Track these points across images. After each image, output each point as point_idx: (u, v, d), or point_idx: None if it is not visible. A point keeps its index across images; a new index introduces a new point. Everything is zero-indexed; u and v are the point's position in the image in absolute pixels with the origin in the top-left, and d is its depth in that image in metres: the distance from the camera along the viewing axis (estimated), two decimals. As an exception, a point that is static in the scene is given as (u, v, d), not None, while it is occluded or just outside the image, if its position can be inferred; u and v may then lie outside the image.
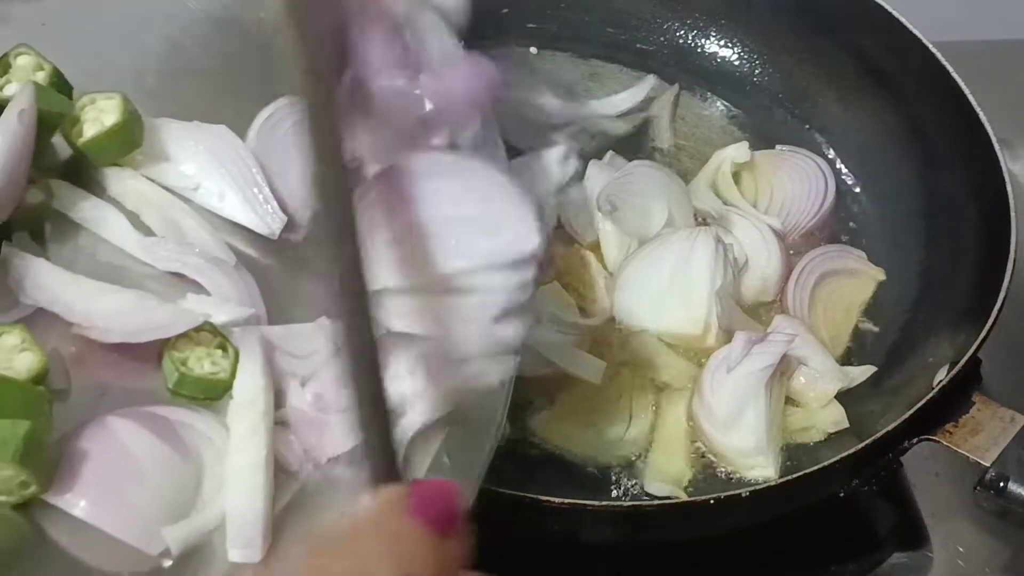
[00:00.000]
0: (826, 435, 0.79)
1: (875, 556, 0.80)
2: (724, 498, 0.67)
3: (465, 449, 0.54)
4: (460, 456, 0.53)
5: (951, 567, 0.79)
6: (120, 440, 0.50)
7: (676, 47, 1.04)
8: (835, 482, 0.72)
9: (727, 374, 0.77)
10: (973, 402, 0.72)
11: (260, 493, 0.50)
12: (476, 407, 0.55)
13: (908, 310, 0.86)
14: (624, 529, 0.71)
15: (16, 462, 0.46)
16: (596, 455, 0.77)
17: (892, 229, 0.92)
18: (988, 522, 0.79)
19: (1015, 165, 1.01)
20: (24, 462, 0.47)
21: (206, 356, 0.54)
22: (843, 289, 0.88)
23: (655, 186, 0.87)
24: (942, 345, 0.78)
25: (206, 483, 0.51)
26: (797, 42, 1.00)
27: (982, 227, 0.83)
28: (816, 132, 0.99)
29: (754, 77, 1.02)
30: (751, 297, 0.86)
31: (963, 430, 0.71)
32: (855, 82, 0.97)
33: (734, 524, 0.71)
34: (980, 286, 0.78)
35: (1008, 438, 0.70)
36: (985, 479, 0.69)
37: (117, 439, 0.50)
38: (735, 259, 0.84)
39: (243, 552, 0.49)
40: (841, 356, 0.84)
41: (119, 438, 0.50)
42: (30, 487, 0.48)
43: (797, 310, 0.85)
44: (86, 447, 0.50)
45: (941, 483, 0.83)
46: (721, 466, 0.77)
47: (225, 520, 0.50)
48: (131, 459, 0.50)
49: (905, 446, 0.71)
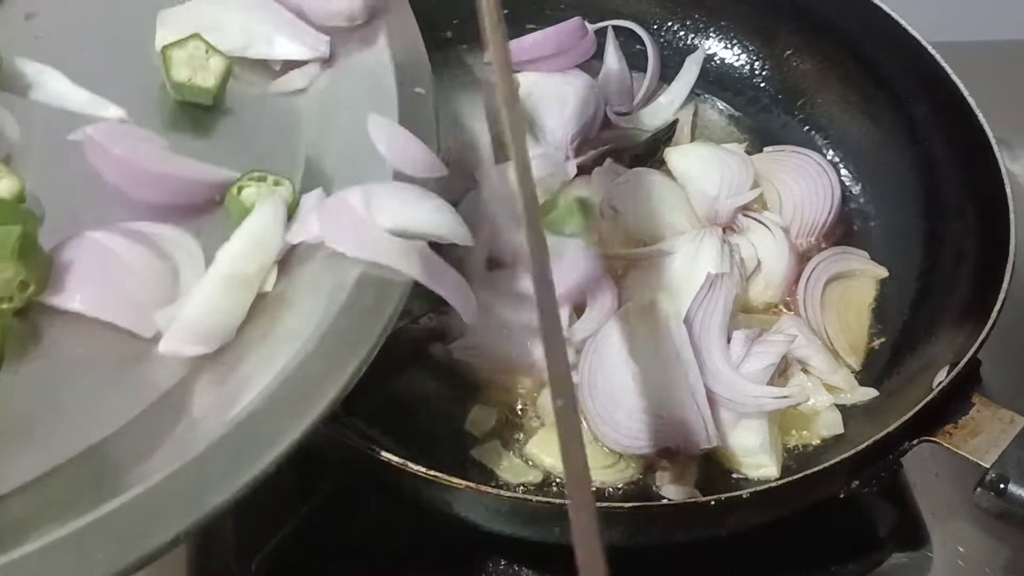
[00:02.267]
0: (824, 438, 0.79)
1: (875, 556, 0.80)
2: (725, 499, 0.67)
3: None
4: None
5: (951, 567, 0.79)
6: (102, 245, 0.55)
7: (676, 47, 1.04)
8: (836, 483, 0.72)
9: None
10: (973, 403, 0.72)
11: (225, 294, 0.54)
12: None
13: (908, 311, 0.86)
14: (624, 530, 0.71)
15: (15, 259, 0.51)
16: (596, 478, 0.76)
17: (891, 230, 0.92)
18: (988, 523, 0.79)
19: (1014, 165, 1.01)
20: (23, 258, 0.51)
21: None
22: (851, 291, 0.88)
23: (656, 191, 0.87)
24: (942, 346, 0.78)
25: (183, 278, 0.56)
26: (797, 42, 1.00)
27: (981, 228, 0.83)
28: (816, 132, 1.00)
29: (754, 77, 1.02)
30: (760, 299, 0.86)
31: (963, 431, 0.71)
32: (855, 83, 0.97)
33: (735, 525, 0.71)
34: (979, 287, 0.79)
35: (1008, 439, 0.69)
36: (985, 480, 0.69)
37: (99, 245, 0.55)
38: (742, 259, 0.85)
39: (196, 347, 0.53)
40: (863, 362, 0.84)
41: (100, 244, 0.55)
42: (29, 287, 0.52)
43: (809, 315, 0.85)
44: (70, 255, 0.55)
45: (941, 484, 0.83)
46: (724, 465, 0.77)
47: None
48: (114, 259, 0.55)
49: (905, 447, 0.71)
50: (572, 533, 0.40)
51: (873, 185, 0.95)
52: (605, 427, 0.75)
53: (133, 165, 0.59)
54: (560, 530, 0.70)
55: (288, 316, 0.55)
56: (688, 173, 0.91)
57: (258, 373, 0.51)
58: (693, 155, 0.93)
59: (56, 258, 0.54)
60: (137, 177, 0.59)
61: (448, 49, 1.01)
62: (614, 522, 0.69)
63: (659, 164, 0.93)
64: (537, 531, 0.71)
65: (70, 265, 0.54)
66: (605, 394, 0.75)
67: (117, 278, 0.54)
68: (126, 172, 0.59)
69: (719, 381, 0.75)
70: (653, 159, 0.93)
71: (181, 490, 0.46)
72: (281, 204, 0.58)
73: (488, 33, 0.49)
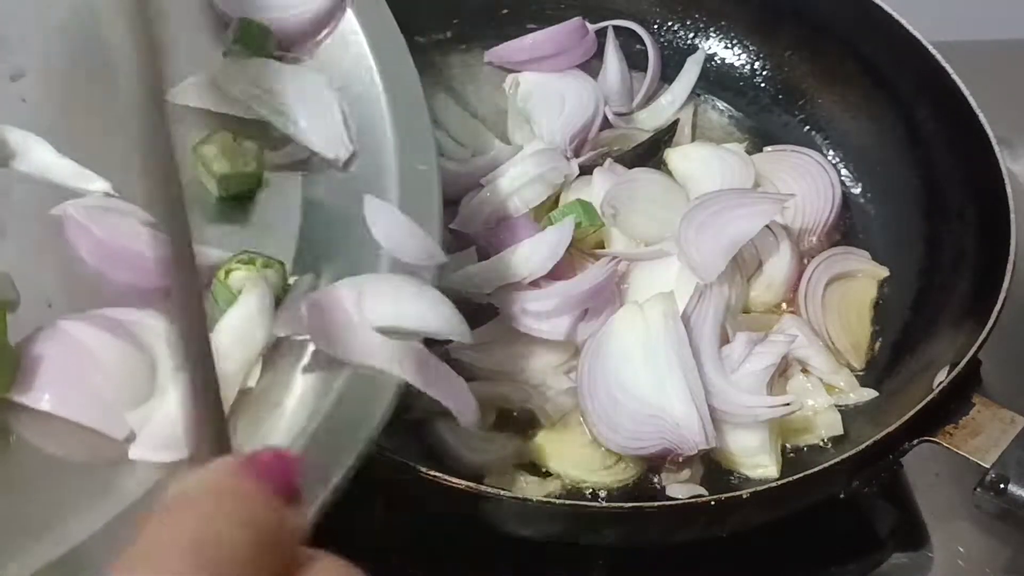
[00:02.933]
0: (824, 438, 0.79)
1: (875, 557, 0.80)
2: (725, 499, 0.67)
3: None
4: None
5: (951, 567, 0.79)
6: (74, 338, 0.52)
7: (676, 47, 1.04)
8: (835, 483, 0.72)
9: (730, 374, 0.77)
10: (973, 403, 0.72)
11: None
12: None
13: (908, 311, 0.86)
14: (624, 530, 0.71)
15: None
16: (597, 480, 0.76)
17: (891, 230, 0.92)
18: (988, 523, 0.79)
19: (1015, 165, 1.01)
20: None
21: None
22: (852, 292, 0.88)
23: (656, 191, 0.87)
24: (942, 346, 0.78)
25: (161, 373, 0.52)
26: (797, 42, 1.00)
27: (981, 228, 0.83)
28: (816, 132, 0.99)
29: (754, 77, 1.02)
30: (761, 300, 0.86)
31: (963, 431, 0.71)
32: (855, 82, 0.97)
33: (735, 525, 0.72)
34: (980, 287, 0.79)
35: (1008, 440, 0.69)
36: (985, 481, 0.69)
37: (71, 338, 0.52)
38: (743, 260, 0.85)
39: (170, 452, 0.50)
40: (864, 363, 0.84)
41: (73, 337, 0.52)
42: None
43: (810, 316, 0.85)
44: (42, 349, 0.51)
45: (941, 484, 0.83)
46: (724, 466, 0.77)
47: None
48: (87, 353, 0.52)
49: (905, 447, 0.71)
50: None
51: (873, 185, 0.95)
52: (605, 428, 0.75)
53: (114, 245, 0.56)
54: (564, 529, 0.70)
55: (271, 417, 0.52)
56: (688, 173, 0.91)
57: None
58: (693, 155, 0.93)
59: (26, 352, 0.51)
60: (118, 258, 0.56)
61: (449, 49, 1.01)
62: (614, 522, 0.69)
63: (659, 164, 0.93)
64: (538, 531, 0.71)
65: (39, 360, 0.51)
66: (605, 395, 0.75)
67: (89, 375, 0.51)
68: (106, 253, 0.56)
69: (711, 393, 0.75)
70: (653, 159, 0.93)
71: None
72: (268, 294, 0.55)
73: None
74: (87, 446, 0.50)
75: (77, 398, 0.51)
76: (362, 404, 0.52)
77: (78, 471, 0.50)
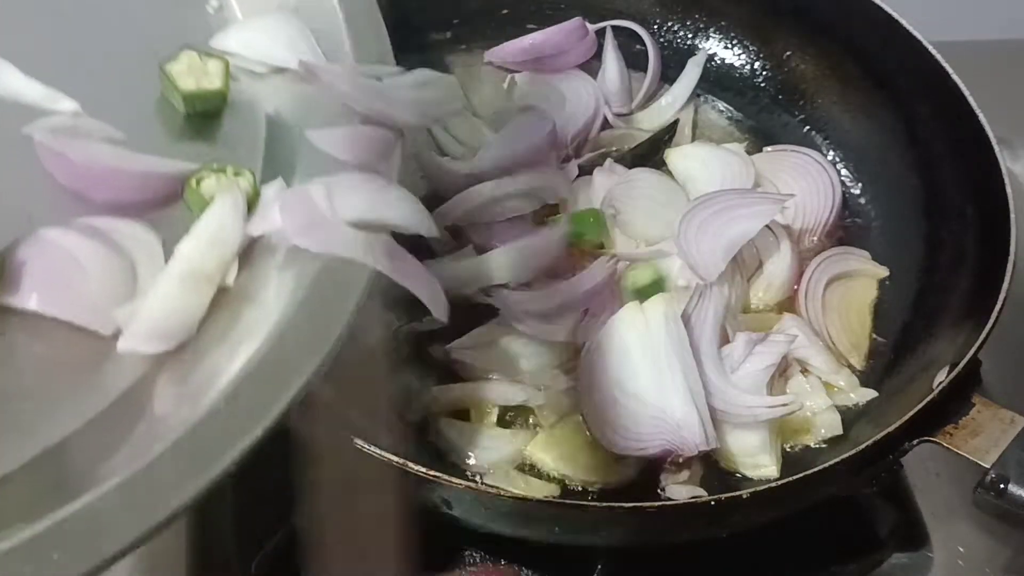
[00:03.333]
0: (824, 438, 0.79)
1: (875, 556, 0.80)
2: (725, 499, 0.67)
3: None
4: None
5: (951, 567, 0.79)
6: (55, 243, 0.54)
7: (676, 47, 1.04)
8: (836, 483, 0.72)
9: (730, 374, 0.77)
10: (973, 403, 0.71)
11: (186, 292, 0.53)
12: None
13: (908, 311, 0.86)
14: (624, 530, 0.71)
15: None
16: (597, 480, 0.76)
17: (891, 230, 0.92)
18: (988, 523, 0.79)
19: (1015, 165, 1.01)
20: None
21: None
22: (852, 291, 0.88)
23: (656, 191, 0.87)
24: (942, 346, 0.78)
25: (141, 275, 0.54)
26: (797, 42, 1.00)
27: (982, 227, 0.83)
28: (816, 132, 0.99)
29: (754, 77, 1.02)
30: (762, 300, 0.86)
31: (963, 431, 0.70)
32: (855, 82, 0.97)
33: (735, 525, 0.72)
34: (980, 287, 0.78)
35: (1008, 440, 0.69)
36: (985, 481, 0.69)
37: (52, 243, 0.54)
38: (743, 260, 0.85)
39: (156, 344, 0.52)
40: (864, 363, 0.84)
41: (54, 242, 0.54)
42: None
43: (811, 316, 0.85)
44: (25, 254, 0.53)
45: (941, 484, 0.83)
46: (724, 466, 0.77)
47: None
48: (69, 256, 0.53)
49: (905, 447, 0.71)
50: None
51: (873, 185, 0.95)
52: (605, 428, 0.75)
53: (85, 166, 0.58)
54: (560, 530, 0.70)
55: (250, 311, 0.54)
56: (688, 173, 0.91)
57: (219, 371, 0.50)
58: (693, 155, 0.93)
59: (10, 258, 0.53)
60: (91, 177, 0.58)
61: (449, 49, 1.01)
62: (614, 522, 0.69)
63: (659, 164, 0.93)
64: (537, 531, 0.71)
65: (23, 265, 0.53)
66: (605, 395, 0.75)
67: (74, 277, 0.54)
68: (79, 174, 0.58)
69: (711, 393, 0.75)
70: (653, 159, 0.93)
71: (137, 494, 0.45)
72: (241, 196, 0.57)
73: None
74: (74, 344, 0.52)
75: (64, 298, 0.53)
76: (338, 291, 0.53)
77: (66, 367, 0.52)
